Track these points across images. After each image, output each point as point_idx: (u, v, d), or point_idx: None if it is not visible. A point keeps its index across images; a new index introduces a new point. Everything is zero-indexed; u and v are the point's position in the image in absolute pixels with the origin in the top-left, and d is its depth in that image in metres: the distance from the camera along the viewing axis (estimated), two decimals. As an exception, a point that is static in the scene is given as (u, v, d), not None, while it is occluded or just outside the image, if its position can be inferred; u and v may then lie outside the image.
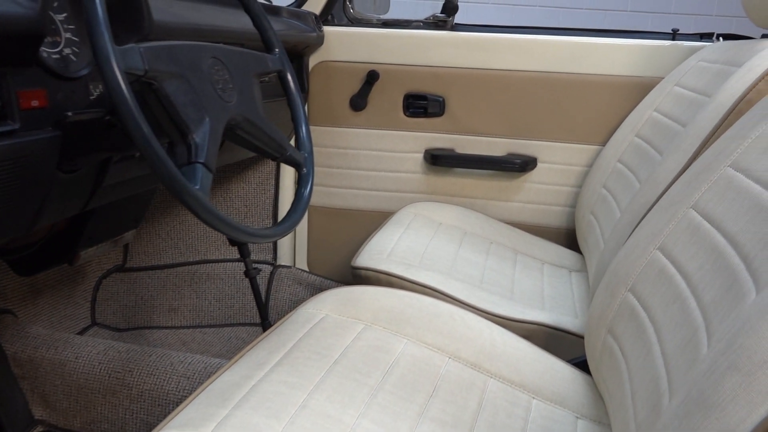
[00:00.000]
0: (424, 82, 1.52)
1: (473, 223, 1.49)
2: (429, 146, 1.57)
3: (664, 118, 1.21)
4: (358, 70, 1.54)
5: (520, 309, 1.10)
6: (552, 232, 1.56)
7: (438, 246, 1.32)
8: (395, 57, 1.52)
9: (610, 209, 1.25)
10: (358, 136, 1.59)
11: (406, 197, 1.61)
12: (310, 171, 0.89)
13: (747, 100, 0.92)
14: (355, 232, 1.66)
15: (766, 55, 0.95)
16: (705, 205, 0.73)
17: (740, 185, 0.69)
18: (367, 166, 1.60)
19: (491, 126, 1.53)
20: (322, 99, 1.58)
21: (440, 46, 1.50)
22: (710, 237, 0.68)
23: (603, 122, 1.47)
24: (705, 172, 0.77)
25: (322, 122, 1.60)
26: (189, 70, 0.71)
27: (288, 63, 0.93)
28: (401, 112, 1.56)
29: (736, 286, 0.56)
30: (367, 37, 1.52)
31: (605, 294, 0.85)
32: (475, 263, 1.29)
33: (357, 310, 0.93)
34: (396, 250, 1.24)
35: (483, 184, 1.57)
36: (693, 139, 0.97)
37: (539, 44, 1.47)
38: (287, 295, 1.67)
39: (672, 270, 0.72)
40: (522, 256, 1.42)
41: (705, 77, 1.14)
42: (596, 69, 1.45)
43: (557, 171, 1.52)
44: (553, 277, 1.34)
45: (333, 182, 1.63)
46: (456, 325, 0.94)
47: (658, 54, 1.42)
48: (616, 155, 1.34)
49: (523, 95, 1.49)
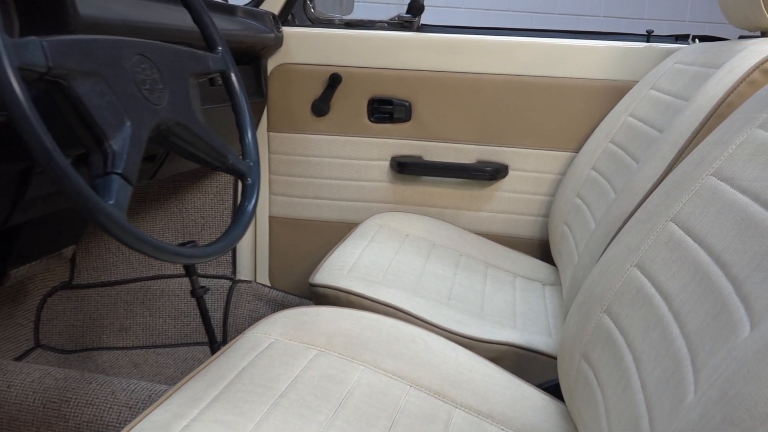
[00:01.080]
0: (389, 85, 1.45)
1: (442, 235, 1.41)
2: (395, 153, 1.49)
3: (640, 123, 1.14)
4: (320, 73, 1.46)
5: (489, 328, 1.03)
6: (524, 244, 1.49)
7: (404, 260, 1.24)
8: (359, 59, 1.44)
9: (584, 220, 1.18)
10: (320, 142, 1.51)
11: (372, 207, 1.53)
12: (256, 182, 0.80)
13: (728, 104, 0.86)
14: (319, 244, 1.58)
15: (746, 56, 0.89)
16: (686, 218, 0.66)
17: (725, 196, 0.62)
18: (331, 175, 1.52)
19: (460, 132, 1.45)
20: (282, 104, 1.49)
21: (406, 47, 1.42)
22: (693, 254, 0.61)
23: (576, 128, 1.41)
24: (685, 182, 0.70)
25: (283, 128, 1.51)
26: (107, 67, 0.62)
27: (232, 63, 0.85)
28: (366, 118, 1.48)
29: (725, 313, 0.49)
30: (329, 38, 1.44)
31: (579, 315, 0.78)
32: (443, 278, 1.21)
33: (310, 333, 0.85)
34: (358, 265, 1.16)
35: (452, 193, 1.49)
36: (671, 146, 0.91)
37: (510, 46, 1.40)
38: (247, 312, 1.58)
39: (651, 290, 0.65)
40: (493, 269, 1.34)
41: (682, 80, 1.08)
42: (569, 72, 1.39)
43: (529, 179, 1.45)
44: (526, 292, 1.27)
45: (295, 192, 1.55)
46: (418, 349, 0.86)
47: (632, 56, 1.36)
48: (589, 162, 1.27)
49: (493, 100, 1.43)
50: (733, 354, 0.42)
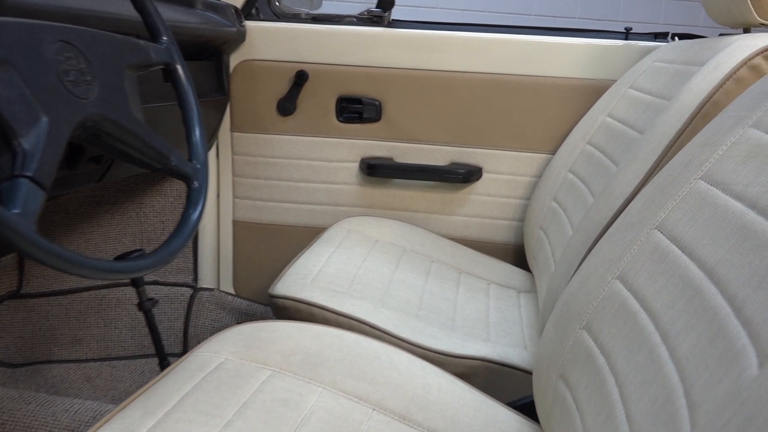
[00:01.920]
0: (358, 84, 1.38)
1: (413, 240, 1.35)
2: (365, 155, 1.42)
3: (618, 123, 1.09)
4: (286, 70, 1.39)
5: (461, 342, 0.96)
6: (499, 249, 1.43)
7: (372, 267, 1.17)
8: (326, 56, 1.37)
9: (560, 225, 1.12)
10: (286, 143, 1.43)
11: (341, 211, 1.46)
12: (203, 186, 0.73)
13: (713, 102, 0.81)
14: (285, 250, 1.50)
15: (732, 52, 0.84)
16: (673, 226, 0.60)
17: (716, 202, 0.56)
18: (297, 177, 1.45)
19: (432, 133, 1.39)
20: (245, 102, 1.42)
21: (376, 44, 1.36)
22: (681, 266, 0.55)
23: (553, 129, 1.35)
24: (671, 186, 0.64)
25: (246, 128, 1.43)
26: (20, 55, 0.54)
27: (178, 55, 0.77)
28: (334, 117, 1.41)
29: (723, 338, 0.43)
30: (295, 33, 1.37)
31: (556, 330, 0.72)
32: (414, 286, 1.14)
33: (264, 351, 0.78)
34: (322, 274, 1.09)
35: (424, 196, 1.43)
36: (653, 147, 0.85)
37: (484, 43, 1.34)
38: (209, 322, 1.49)
39: (635, 305, 0.59)
40: (466, 276, 1.28)
41: (662, 78, 1.03)
42: (545, 71, 1.33)
43: (504, 182, 1.40)
44: (500, 300, 1.21)
45: (260, 195, 1.47)
46: (383, 367, 0.79)
47: (610, 55, 1.31)
48: (566, 165, 1.22)
49: (466, 99, 1.36)
50: (742, 395, 0.35)
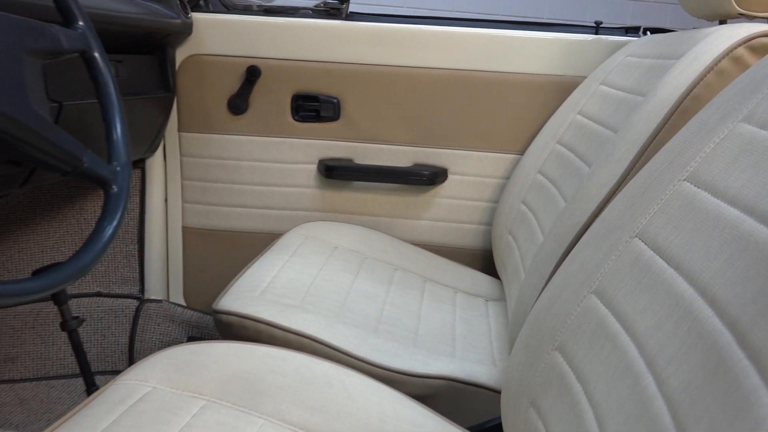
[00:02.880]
0: (315, 80, 1.29)
1: (375, 246, 1.27)
2: (323, 156, 1.33)
3: (590, 122, 1.02)
4: (237, 66, 1.29)
5: (423, 359, 0.88)
6: (466, 255, 1.36)
7: (329, 276, 1.08)
8: (280, 50, 1.28)
9: (530, 229, 1.05)
10: (238, 144, 1.34)
11: (298, 216, 1.37)
12: (123, 192, 0.63)
13: (694, 97, 0.74)
14: (239, 257, 1.41)
15: (712, 43, 0.77)
16: (656, 234, 0.53)
17: (706, 207, 0.49)
18: (251, 180, 1.35)
19: (395, 132, 1.31)
20: (193, 100, 1.32)
21: (333, 38, 1.27)
22: (668, 281, 0.48)
23: (521, 128, 1.29)
24: (652, 188, 0.57)
25: (195, 128, 1.33)
26: None
27: (96, 42, 0.68)
28: (289, 116, 1.32)
29: (726, 375, 0.36)
30: (246, 26, 1.28)
31: (526, 350, 0.64)
32: (374, 297, 1.06)
33: (198, 378, 0.68)
34: (273, 286, 1.00)
35: (387, 199, 1.35)
36: (628, 146, 0.78)
37: (448, 38, 1.27)
38: (157, 336, 1.39)
39: (615, 326, 0.52)
40: (431, 284, 1.20)
41: (635, 74, 0.97)
42: (512, 67, 1.26)
43: (470, 184, 1.32)
44: (467, 310, 1.13)
45: (210, 199, 1.37)
46: (333, 393, 0.70)
47: (579, 50, 1.25)
48: (535, 166, 1.15)
49: (430, 96, 1.29)
50: None
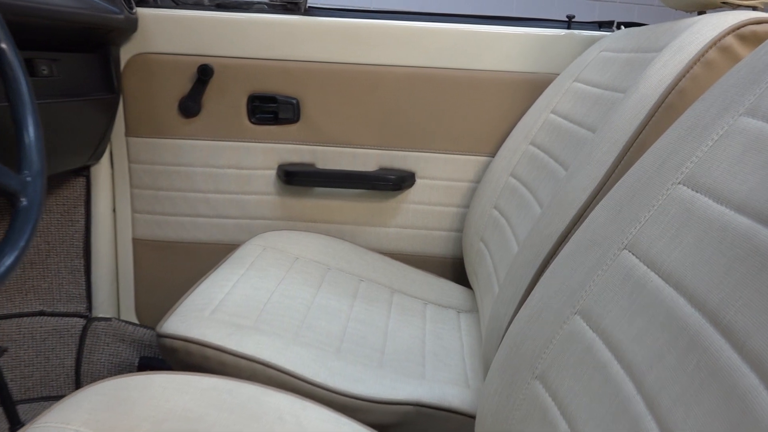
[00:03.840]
0: (272, 79, 1.21)
1: (339, 256, 1.19)
2: (282, 161, 1.25)
3: (565, 121, 0.96)
4: (188, 65, 1.20)
5: (390, 382, 0.80)
6: (436, 263, 1.29)
7: (288, 291, 1.00)
8: (234, 48, 1.20)
9: (503, 237, 0.98)
10: (191, 149, 1.24)
11: (257, 225, 1.28)
12: (34, 206, 0.54)
13: (679, 91, 0.68)
14: (194, 271, 1.31)
15: (697, 32, 0.71)
16: (649, 247, 0.46)
17: (708, 215, 0.42)
18: (205, 187, 1.26)
19: (359, 135, 1.23)
20: (141, 102, 1.22)
21: (291, 34, 1.19)
22: (667, 302, 0.41)
23: (491, 128, 1.22)
24: (642, 193, 0.51)
25: (144, 132, 1.24)
26: None
27: (5, 32, 0.59)
28: (245, 118, 1.23)
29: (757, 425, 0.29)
30: (197, 22, 1.19)
31: (502, 378, 0.57)
32: (337, 313, 0.98)
33: (129, 419, 0.60)
34: (226, 303, 0.91)
35: (351, 206, 1.27)
36: (609, 146, 0.72)
37: (413, 33, 1.19)
38: (106, 357, 1.29)
39: (605, 354, 0.45)
40: (399, 296, 1.13)
41: (612, 69, 0.90)
42: (480, 64, 1.20)
43: (439, 188, 1.25)
44: (438, 323, 1.06)
45: (162, 209, 1.28)
46: (286, 430, 0.62)
47: (551, 45, 1.19)
48: (507, 168, 1.08)
49: (395, 96, 1.21)
50: None
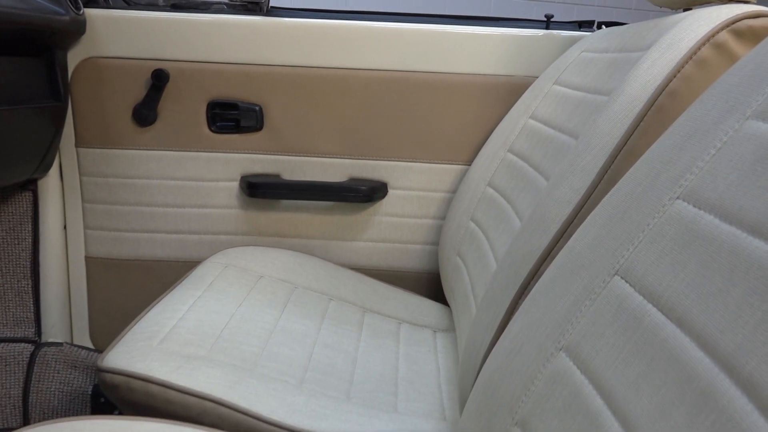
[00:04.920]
0: (233, 85, 1.13)
1: (307, 273, 1.11)
2: (245, 172, 1.17)
3: (545, 126, 0.90)
4: (141, 70, 1.12)
5: (358, 418, 0.73)
6: (410, 278, 1.21)
7: (249, 314, 0.92)
8: (191, 51, 1.12)
9: (480, 251, 0.91)
10: (147, 159, 1.16)
11: (219, 241, 1.20)
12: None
13: (670, 93, 0.62)
14: (153, 290, 1.23)
15: (687, 28, 0.65)
16: (645, 273, 0.39)
17: (715, 236, 0.35)
18: (163, 201, 1.18)
19: (326, 143, 1.16)
20: (92, 110, 1.14)
21: (252, 36, 1.11)
22: (670, 341, 0.34)
23: (467, 135, 1.15)
24: (634, 210, 0.44)
25: (96, 142, 1.15)
26: None
27: None
28: (205, 127, 1.15)
29: None
30: (151, 24, 1.11)
31: (478, 422, 0.49)
32: (302, 337, 0.90)
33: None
34: (178, 331, 0.83)
35: (320, 219, 1.19)
36: (594, 154, 0.65)
37: (383, 35, 1.13)
38: (56, 386, 1.19)
39: (595, 401, 0.38)
40: (371, 315, 1.05)
41: (594, 70, 0.84)
42: (455, 67, 1.13)
43: (413, 199, 1.18)
44: (413, 345, 0.99)
45: (117, 224, 1.19)
46: (234, 484, 0.54)
47: (529, 47, 1.12)
48: (485, 177, 1.02)
49: (365, 102, 1.14)
50: None
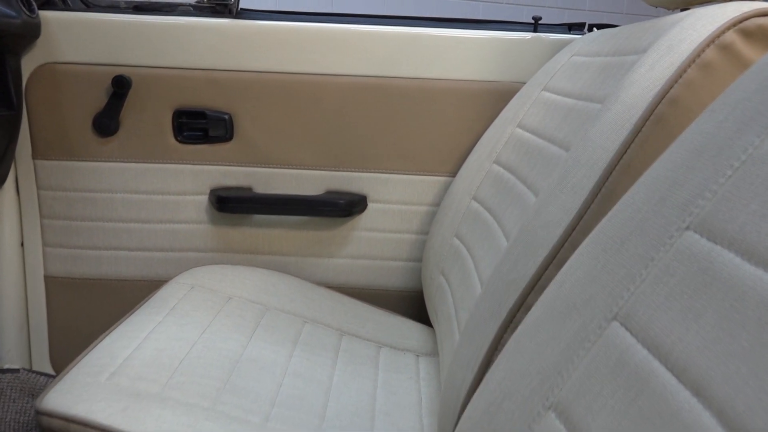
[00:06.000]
0: (200, 92, 1.06)
1: (281, 293, 1.03)
2: (215, 185, 1.10)
3: (533, 136, 0.83)
4: (102, 76, 1.04)
5: (326, 463, 0.65)
6: (392, 298, 1.14)
7: (213, 342, 0.84)
8: (156, 56, 1.04)
9: (465, 271, 0.84)
10: (110, 172, 1.08)
11: (188, 258, 1.12)
12: None
13: (671, 100, 0.55)
14: (117, 312, 1.15)
15: (690, 27, 0.58)
16: (650, 319, 0.32)
17: (736, 281, 0.28)
18: (127, 216, 1.10)
19: (301, 154, 1.09)
20: (49, 119, 1.06)
21: (221, 40, 1.04)
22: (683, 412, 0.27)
23: (451, 145, 1.08)
24: (636, 240, 0.37)
25: (54, 154, 1.08)
26: None
27: None
28: (171, 137, 1.08)
29: None
30: (112, 27, 1.03)
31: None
32: (271, 367, 0.83)
33: None
34: (131, 363, 0.75)
35: (295, 235, 1.12)
36: (586, 170, 0.58)
37: (361, 38, 1.06)
38: (12, 416, 1.11)
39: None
40: (349, 339, 0.98)
41: (586, 75, 0.78)
42: (438, 72, 1.06)
43: (395, 213, 1.11)
44: (393, 372, 0.91)
45: (79, 241, 1.11)
46: None
47: (516, 50, 1.06)
48: (469, 191, 0.95)
49: (343, 110, 1.07)
50: None
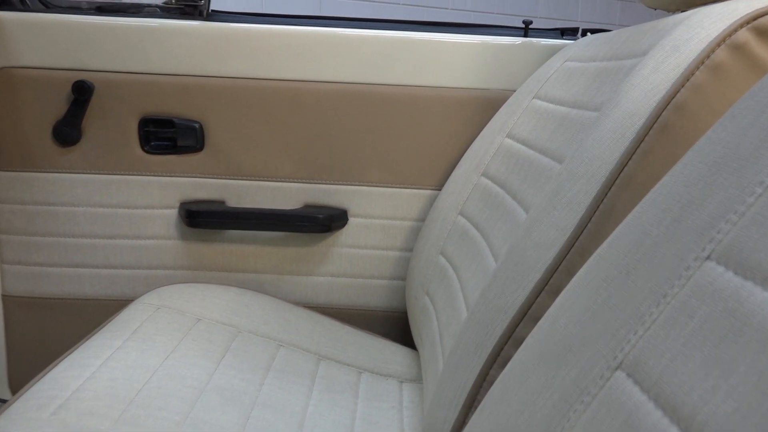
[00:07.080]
0: (168, 99, 0.99)
1: (255, 315, 0.96)
2: (185, 198, 1.03)
3: (524, 147, 0.77)
4: (63, 82, 0.98)
5: None
6: (375, 318, 1.08)
7: (177, 369, 0.77)
8: (120, 61, 0.98)
9: (450, 292, 0.78)
10: (71, 184, 1.02)
11: (156, 276, 1.05)
12: None
13: (678, 106, 0.49)
14: (80, 333, 1.08)
15: (697, 26, 0.53)
16: (662, 372, 0.26)
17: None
18: (90, 231, 1.03)
19: (277, 165, 1.02)
20: (6, 128, 0.99)
21: (190, 43, 0.98)
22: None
23: (437, 156, 1.02)
24: (645, 272, 0.30)
25: (11, 164, 1.01)
26: None
27: None
28: (137, 147, 1.01)
29: None
30: (73, 29, 0.97)
31: None
32: (239, 397, 0.76)
33: None
34: (81, 394, 0.68)
35: (271, 252, 1.05)
36: (582, 184, 0.52)
37: (341, 42, 1.00)
38: (-36, 446, 1.03)
39: None
40: (327, 364, 0.91)
41: (580, 81, 0.72)
42: (423, 79, 1.01)
43: (377, 228, 1.05)
44: (374, 401, 0.84)
45: (38, 258, 1.04)
46: None
47: (506, 56, 1.00)
48: (456, 205, 0.89)
49: (321, 119, 1.01)
50: None
